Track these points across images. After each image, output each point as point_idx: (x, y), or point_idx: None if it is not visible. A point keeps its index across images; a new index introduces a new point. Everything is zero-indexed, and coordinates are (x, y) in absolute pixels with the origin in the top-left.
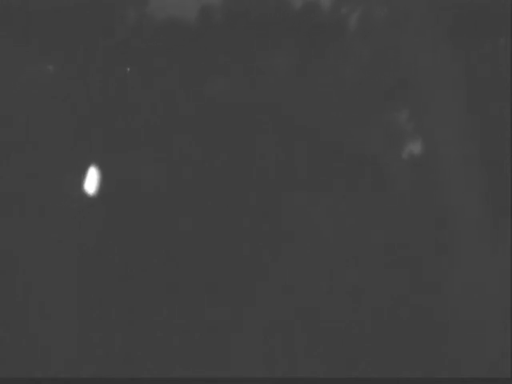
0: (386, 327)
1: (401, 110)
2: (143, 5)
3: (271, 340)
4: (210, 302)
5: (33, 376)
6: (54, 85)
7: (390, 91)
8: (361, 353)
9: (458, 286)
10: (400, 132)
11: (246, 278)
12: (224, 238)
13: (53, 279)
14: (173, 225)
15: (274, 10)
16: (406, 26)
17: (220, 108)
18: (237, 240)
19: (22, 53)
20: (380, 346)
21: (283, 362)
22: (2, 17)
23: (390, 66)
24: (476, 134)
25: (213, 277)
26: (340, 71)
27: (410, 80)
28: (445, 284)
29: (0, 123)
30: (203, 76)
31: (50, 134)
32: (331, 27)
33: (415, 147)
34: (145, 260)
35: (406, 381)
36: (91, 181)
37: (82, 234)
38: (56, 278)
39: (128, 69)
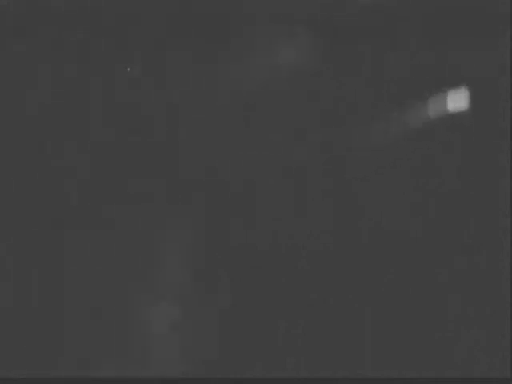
0: (386, 327)
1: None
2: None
3: (271, 340)
4: (209, 301)
5: (33, 376)
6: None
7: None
8: (361, 353)
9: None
10: None
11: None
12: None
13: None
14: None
15: None
16: None
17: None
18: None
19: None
20: (380, 345)
21: (283, 362)
22: (2, 17)
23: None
24: None
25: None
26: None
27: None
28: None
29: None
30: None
31: None
32: None
33: None
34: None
35: (406, 381)
36: None
37: None
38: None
39: (128, 69)
